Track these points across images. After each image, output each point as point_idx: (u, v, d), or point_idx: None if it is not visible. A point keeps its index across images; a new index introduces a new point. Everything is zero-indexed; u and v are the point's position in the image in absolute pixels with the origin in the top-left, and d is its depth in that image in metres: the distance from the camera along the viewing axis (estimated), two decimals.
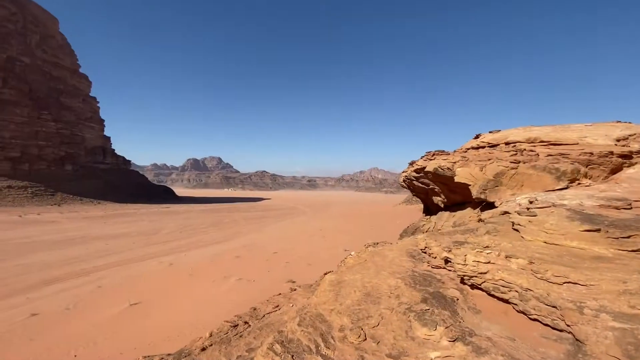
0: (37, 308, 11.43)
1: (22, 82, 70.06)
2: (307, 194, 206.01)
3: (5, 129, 64.21)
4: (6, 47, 69.21)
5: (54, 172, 69.16)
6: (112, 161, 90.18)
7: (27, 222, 37.11)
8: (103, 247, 23.95)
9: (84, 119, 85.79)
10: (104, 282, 15.06)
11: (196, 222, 42.56)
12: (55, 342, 8.87)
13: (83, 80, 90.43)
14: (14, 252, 21.27)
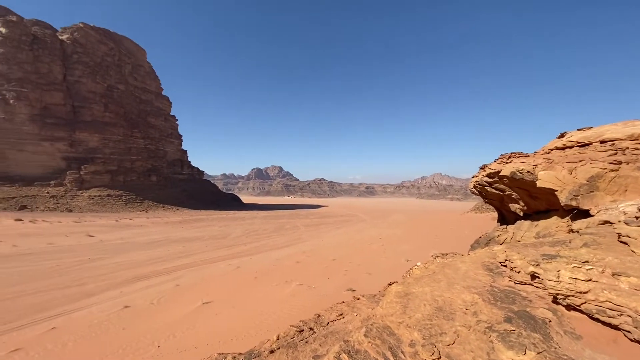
0: (129, 301, 13.02)
1: (118, 106, 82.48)
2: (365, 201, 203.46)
3: (106, 147, 75.93)
4: (107, 77, 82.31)
5: (142, 182, 79.49)
6: (188, 172, 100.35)
7: (122, 226, 43.00)
8: (181, 249, 26.55)
9: (165, 135, 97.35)
10: (182, 281, 16.58)
11: (260, 228, 44.82)
12: (143, 333, 9.95)
13: (165, 101, 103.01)
14: (111, 251, 24.79)
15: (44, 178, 66.68)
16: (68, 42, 76.89)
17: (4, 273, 17.13)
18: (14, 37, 68.32)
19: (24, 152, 66.17)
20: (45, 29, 76.01)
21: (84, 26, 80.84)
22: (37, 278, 16.39)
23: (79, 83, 75.92)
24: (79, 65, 76.31)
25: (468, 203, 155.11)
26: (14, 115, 65.75)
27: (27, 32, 71.00)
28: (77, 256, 22.40)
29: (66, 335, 9.70)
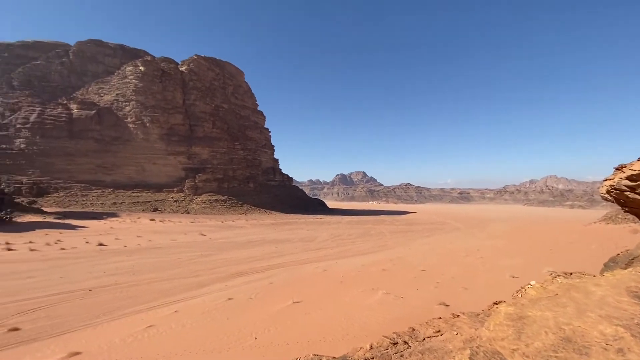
0: (232, 294, 14.60)
1: (223, 123, 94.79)
2: (459, 208, 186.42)
3: (214, 158, 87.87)
4: (214, 98, 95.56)
5: (242, 188, 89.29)
6: (279, 179, 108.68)
7: (226, 227, 48.93)
8: (274, 250, 28.73)
9: (260, 146, 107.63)
10: (275, 279, 17.84)
11: (345, 233, 45.31)
12: (243, 324, 11.00)
13: (260, 115, 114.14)
14: (218, 248, 28.41)
15: (170, 185, 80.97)
16: (186, 72, 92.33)
17: (143, 263, 21.30)
18: (149, 73, 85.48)
19: (156, 165, 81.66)
20: (170, 63, 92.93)
21: (197, 57, 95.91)
22: (164, 268, 19.88)
23: (194, 105, 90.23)
24: (194, 91, 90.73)
25: (595, 212, 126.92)
26: (149, 135, 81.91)
27: (158, 68, 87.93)
28: (193, 251, 26.39)
29: (185, 318, 11.40)
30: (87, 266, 19.73)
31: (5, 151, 71.98)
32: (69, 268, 19.05)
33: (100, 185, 75.02)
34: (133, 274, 18.08)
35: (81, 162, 75.83)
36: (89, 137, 77.76)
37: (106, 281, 16.28)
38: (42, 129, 74.67)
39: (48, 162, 73.12)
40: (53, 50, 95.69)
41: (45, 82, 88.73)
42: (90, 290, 14.60)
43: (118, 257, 23.11)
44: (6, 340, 9.48)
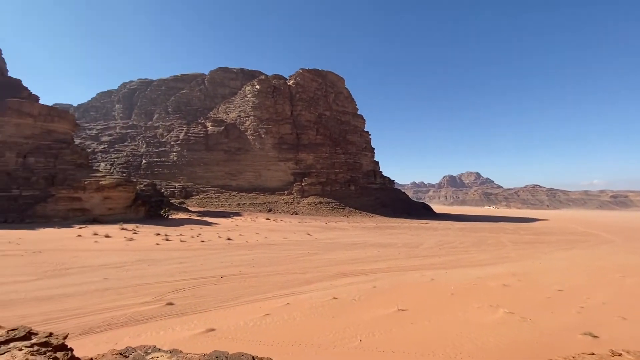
0: (337, 294, 15.05)
1: (325, 129, 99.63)
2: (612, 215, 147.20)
3: (318, 163, 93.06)
4: (317, 107, 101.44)
5: (343, 191, 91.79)
6: (380, 181, 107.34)
7: (330, 228, 50.98)
8: (376, 253, 28.42)
9: (361, 149, 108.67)
10: (378, 283, 17.58)
11: (455, 240, 41.35)
12: (347, 325, 11.17)
13: (360, 119, 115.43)
14: (323, 248, 29.82)
15: (281, 189, 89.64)
16: (293, 86, 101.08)
17: (261, 257, 24.11)
18: (263, 90, 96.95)
19: (270, 171, 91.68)
20: (279, 79, 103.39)
21: (303, 71, 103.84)
22: (278, 263, 22.03)
23: (300, 115, 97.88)
24: (300, 102, 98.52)
25: None
26: (264, 145, 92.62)
27: (270, 85, 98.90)
28: (302, 249, 28.44)
29: (295, 311, 12.32)
30: (219, 257, 23.55)
31: (164, 163, 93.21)
32: (207, 257, 23.12)
33: (228, 189, 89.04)
34: (253, 266, 20.66)
35: (214, 170, 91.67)
36: (219, 149, 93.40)
37: (233, 271, 19.07)
38: (187, 144, 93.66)
39: (192, 171, 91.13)
40: (193, 80, 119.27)
41: (189, 107, 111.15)
42: (222, 278, 17.34)
43: (242, 250, 26.84)
44: (164, 311, 12.09)
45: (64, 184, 47.01)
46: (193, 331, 10.28)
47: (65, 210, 45.27)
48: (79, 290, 14.29)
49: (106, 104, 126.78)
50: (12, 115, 50.16)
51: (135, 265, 19.57)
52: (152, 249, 25.84)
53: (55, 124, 54.36)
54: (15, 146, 49.44)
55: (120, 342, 9.16)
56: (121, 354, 4.32)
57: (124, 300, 13.13)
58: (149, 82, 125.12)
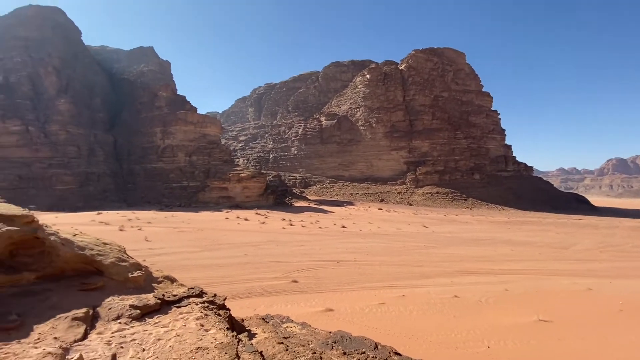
0: (458, 292, 13.69)
1: (443, 113, 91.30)
2: None
3: (434, 150, 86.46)
4: (433, 89, 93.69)
5: (465, 180, 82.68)
6: (513, 168, 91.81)
7: (449, 221, 46.89)
8: (508, 252, 24.52)
9: (487, 132, 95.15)
10: (510, 286, 15.13)
11: (624, 243, 31.82)
12: (471, 327, 10.01)
13: (485, 97, 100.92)
14: (441, 242, 27.66)
15: (393, 179, 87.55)
16: (405, 70, 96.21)
17: (374, 246, 24.22)
18: (373, 79, 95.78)
19: (381, 160, 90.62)
20: (390, 65, 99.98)
21: (415, 52, 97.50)
22: (392, 253, 21.66)
23: (413, 100, 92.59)
24: (413, 86, 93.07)
25: None
26: (375, 135, 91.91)
27: (381, 72, 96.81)
28: (417, 242, 27.15)
29: (411, 304, 11.83)
30: (335, 243, 24.85)
31: (286, 157, 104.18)
32: (324, 242, 24.74)
33: (341, 179, 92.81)
34: (367, 254, 20.95)
35: (328, 161, 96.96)
36: (333, 142, 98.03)
37: (348, 257, 19.78)
38: (305, 139, 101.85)
39: (309, 163, 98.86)
40: (309, 79, 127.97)
41: (306, 104, 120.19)
42: (338, 262, 18.22)
43: (355, 238, 27.60)
44: (290, 287, 13.52)
45: (215, 177, 58.43)
46: (314, 308, 11.15)
47: (216, 197, 56.37)
48: (227, 262, 17.53)
49: (242, 109, 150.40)
50: (181, 124, 65.21)
51: (267, 245, 22.66)
52: (280, 232, 29.42)
53: (208, 129, 67.85)
54: (183, 148, 64.24)
55: (258, 309, 10.73)
56: (263, 319, 5.04)
57: (259, 274, 15.37)
58: (273, 86, 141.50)
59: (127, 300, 3.54)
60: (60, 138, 58.37)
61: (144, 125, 67.91)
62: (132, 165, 66.10)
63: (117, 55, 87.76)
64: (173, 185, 60.73)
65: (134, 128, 68.92)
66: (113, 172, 63.85)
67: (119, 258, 4.12)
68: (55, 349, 2.57)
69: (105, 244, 4.33)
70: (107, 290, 3.72)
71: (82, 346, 2.77)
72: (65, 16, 74.22)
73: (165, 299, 3.77)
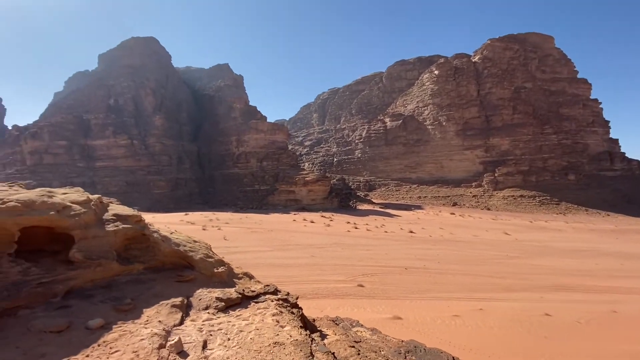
0: (550, 309, 11.97)
1: (526, 106, 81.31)
2: None
3: (516, 148, 77.45)
4: (513, 80, 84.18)
5: (556, 182, 72.10)
6: (622, 167, 77.06)
7: (536, 228, 41.39)
8: (616, 267, 20.61)
9: (585, 125, 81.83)
10: (620, 307, 12.68)
11: None
12: (570, 352, 8.65)
13: (581, 85, 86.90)
14: (528, 252, 24.53)
15: (467, 180, 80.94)
16: (479, 62, 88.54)
17: (447, 253, 22.65)
18: (442, 74, 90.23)
19: (453, 161, 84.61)
20: (462, 58, 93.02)
21: (491, 42, 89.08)
22: (467, 262, 19.98)
23: (489, 94, 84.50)
24: (489, 78, 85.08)
25: None
26: (446, 134, 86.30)
27: (450, 67, 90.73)
28: (497, 251, 24.57)
29: (491, 319, 10.73)
30: (402, 248, 23.93)
31: (350, 159, 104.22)
32: (391, 247, 24.03)
33: (408, 182, 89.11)
34: (438, 262, 19.69)
35: (393, 163, 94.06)
36: (398, 143, 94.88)
37: (417, 264, 18.87)
38: (369, 141, 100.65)
39: (373, 165, 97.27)
40: (372, 80, 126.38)
41: (370, 106, 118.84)
42: (406, 269, 17.51)
43: (424, 244, 26.17)
44: (355, 291, 13.44)
45: (283, 180, 61.46)
46: (381, 315, 10.90)
47: (285, 200, 59.23)
48: (295, 262, 18.25)
49: (307, 115, 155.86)
50: (252, 133, 70.38)
51: (333, 247, 22.95)
52: (344, 235, 29.52)
53: (276, 136, 71.90)
54: (255, 154, 69.11)
55: (325, 311, 10.92)
56: (333, 320, 5.15)
57: (325, 276, 15.64)
58: (336, 91, 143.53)
59: (213, 293, 3.96)
60: (156, 149, 68.03)
61: (222, 135, 75.15)
62: (212, 171, 73.62)
63: (199, 73, 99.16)
64: (246, 188, 65.75)
65: (213, 138, 76.79)
66: (197, 178, 71.97)
67: (206, 254, 4.63)
68: (160, 331, 3.00)
69: (195, 241, 4.91)
70: (197, 283, 4.22)
71: (179, 330, 3.19)
72: (159, 44, 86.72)
73: (245, 294, 4.11)
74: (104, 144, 65.76)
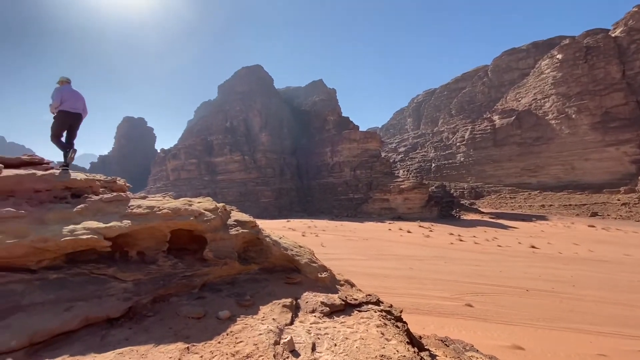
0: None
1: None
2: None
3: None
4: None
5: None
6: None
7: None
8: None
9: None
10: None
11: None
12: None
13: None
14: None
15: (612, 185, 64.65)
16: (622, 35, 70.86)
17: (584, 275, 18.39)
18: (568, 58, 75.37)
19: (589, 161, 68.97)
20: (595, 35, 76.15)
21: (638, 8, 70.39)
22: (615, 288, 15.78)
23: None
24: (638, 54, 67.15)
25: None
26: (577, 128, 71.28)
27: (579, 48, 75.17)
28: None
29: None
30: (522, 266, 20.50)
31: (451, 164, 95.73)
32: (506, 264, 20.88)
33: (526, 187, 76.40)
34: (573, 285, 16.14)
35: (506, 167, 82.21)
36: (511, 143, 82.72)
37: (542, 285, 15.86)
38: (473, 143, 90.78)
39: (480, 170, 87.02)
40: (475, 76, 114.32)
41: (472, 104, 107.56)
42: (527, 291, 14.91)
43: (552, 263, 21.87)
44: (463, 311, 12.07)
45: (377, 189, 60.72)
46: (497, 342, 9.51)
47: (379, 208, 58.32)
48: (392, 273, 17.64)
49: (400, 120, 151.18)
50: (345, 143, 72.18)
51: (433, 260, 21.33)
52: (447, 247, 27.12)
53: (369, 144, 71.91)
54: (348, 163, 70.54)
55: (427, 328, 10.18)
56: (442, 340, 4.78)
57: (426, 291, 14.59)
58: (432, 92, 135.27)
59: (318, 297, 4.14)
60: (263, 163, 76.50)
61: (317, 146, 79.58)
62: (310, 181, 78.37)
63: (296, 92, 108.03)
64: (341, 197, 67.48)
65: (310, 150, 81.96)
66: (297, 188, 77.69)
67: (310, 259, 4.91)
68: (274, 328, 3.29)
69: (300, 246, 5.26)
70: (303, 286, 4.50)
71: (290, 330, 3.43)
72: (263, 70, 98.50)
73: (347, 302, 4.17)
74: (223, 160, 77.51)
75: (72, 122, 6.20)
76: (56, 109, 6.00)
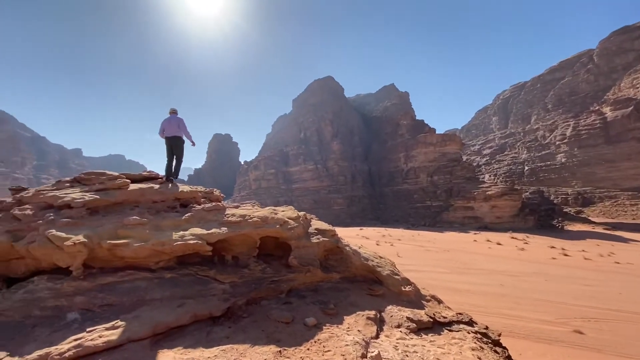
0: None
1: None
2: None
3: None
4: None
5: None
6: None
7: None
8: None
9: None
10: None
11: None
12: None
13: None
14: None
15: None
16: None
17: None
18: None
19: None
20: None
21: None
22: None
23: None
24: None
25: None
26: None
27: None
28: None
29: None
30: None
31: (549, 167, 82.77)
32: (627, 285, 17.03)
33: None
34: None
35: (623, 167, 67.62)
36: (629, 139, 67.91)
37: None
38: (578, 141, 77.17)
39: (588, 172, 73.29)
40: (577, 63, 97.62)
41: (574, 95, 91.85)
42: None
43: None
44: (571, 339, 10.17)
45: (459, 196, 56.01)
46: None
47: (461, 217, 53.59)
48: (479, 289, 15.92)
49: (484, 120, 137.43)
50: (421, 147, 68.68)
51: (531, 278, 18.61)
52: (548, 263, 23.41)
53: (447, 147, 67.06)
54: (425, 169, 66.83)
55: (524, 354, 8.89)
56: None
57: (522, 312, 12.77)
58: (521, 86, 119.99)
59: (403, 312, 3.96)
60: (335, 171, 77.78)
61: (390, 152, 77.52)
62: (382, 188, 76.56)
63: (367, 99, 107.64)
64: (417, 205, 64.09)
65: (382, 156, 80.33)
66: (369, 195, 76.69)
67: (392, 271, 4.75)
68: (360, 340, 3.25)
69: (380, 257, 5.15)
70: (387, 299, 4.36)
71: (376, 344, 3.35)
72: (334, 80, 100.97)
73: (436, 319, 3.89)
74: (298, 170, 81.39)
75: (171, 143, 7.69)
76: (161, 136, 7.80)
